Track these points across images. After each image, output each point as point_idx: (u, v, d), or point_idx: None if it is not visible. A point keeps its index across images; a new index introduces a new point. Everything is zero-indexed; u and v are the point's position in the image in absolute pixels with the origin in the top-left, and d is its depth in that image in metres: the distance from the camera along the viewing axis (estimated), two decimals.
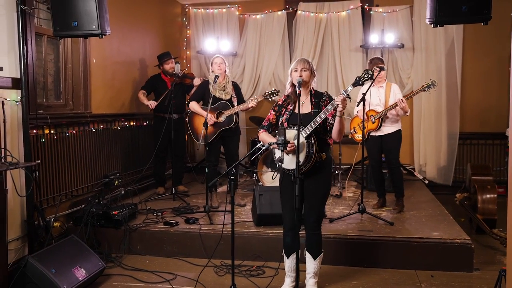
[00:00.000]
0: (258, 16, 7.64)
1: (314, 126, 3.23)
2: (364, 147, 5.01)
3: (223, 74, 5.13)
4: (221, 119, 5.16)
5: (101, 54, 5.52)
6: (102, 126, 5.48)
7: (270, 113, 3.53)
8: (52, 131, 4.59)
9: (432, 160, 7.13)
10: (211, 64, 5.22)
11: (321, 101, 3.37)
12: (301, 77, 3.29)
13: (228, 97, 5.18)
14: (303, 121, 3.19)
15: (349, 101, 3.35)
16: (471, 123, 7.17)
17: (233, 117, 5.15)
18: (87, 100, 5.28)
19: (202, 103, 5.33)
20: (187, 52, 8.07)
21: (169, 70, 6.04)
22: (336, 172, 6.60)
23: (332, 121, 3.29)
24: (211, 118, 5.05)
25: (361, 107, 4.84)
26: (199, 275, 3.78)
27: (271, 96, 5.01)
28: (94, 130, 5.33)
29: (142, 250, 4.55)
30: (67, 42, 5.11)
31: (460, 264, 4.05)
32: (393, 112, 5.03)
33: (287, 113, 3.39)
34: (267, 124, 3.52)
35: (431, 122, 7.09)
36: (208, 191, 5.07)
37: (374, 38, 7.03)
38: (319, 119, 3.23)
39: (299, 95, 3.22)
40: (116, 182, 5.16)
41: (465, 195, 5.72)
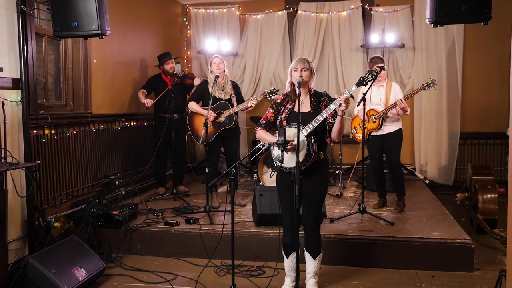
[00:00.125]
0: (259, 16, 7.64)
1: (315, 124, 3.23)
2: (365, 147, 5.01)
3: (222, 74, 5.13)
4: (220, 119, 5.15)
5: (102, 54, 5.53)
6: (102, 126, 5.48)
7: (268, 111, 3.50)
8: (52, 131, 4.60)
9: (433, 160, 7.13)
10: (210, 65, 5.22)
11: (320, 100, 3.36)
12: (301, 77, 3.28)
13: (227, 97, 5.18)
14: (302, 120, 3.18)
15: (353, 100, 3.37)
16: (472, 122, 7.16)
17: (232, 117, 5.15)
18: (88, 100, 5.29)
19: (202, 104, 5.33)
20: (188, 52, 8.08)
21: (170, 70, 6.04)
22: (336, 172, 6.60)
23: (331, 121, 3.29)
24: (211, 114, 5.04)
25: (362, 106, 4.84)
26: (199, 275, 3.78)
27: (271, 95, 5.01)
28: (95, 130, 5.33)
29: (143, 250, 4.56)
30: (68, 42, 5.11)
31: (460, 264, 4.04)
32: (394, 111, 5.02)
33: (286, 111, 3.38)
34: (265, 122, 3.50)
35: (432, 122, 7.08)
36: (208, 191, 5.07)
37: (374, 38, 7.03)
38: (321, 118, 3.23)
39: (299, 95, 3.21)
40: (117, 182, 5.16)
41: (465, 195, 5.71)
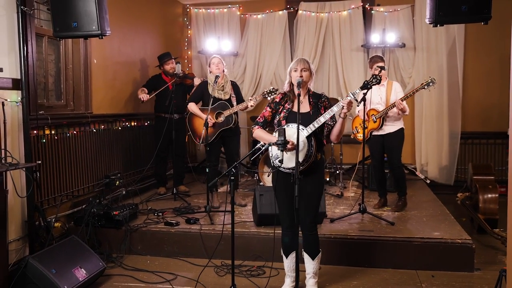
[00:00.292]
0: (259, 16, 7.64)
1: (317, 125, 3.23)
2: (366, 147, 5.00)
3: (221, 74, 5.13)
4: (220, 119, 5.15)
5: (102, 55, 5.53)
6: (103, 127, 5.49)
7: (265, 110, 3.47)
8: (52, 132, 4.60)
9: (434, 160, 7.12)
10: (209, 65, 5.22)
11: (320, 101, 3.36)
12: (301, 77, 3.28)
13: (227, 97, 5.18)
14: (302, 120, 3.18)
15: (357, 104, 3.37)
16: (473, 122, 7.15)
17: (232, 117, 5.14)
18: (88, 100, 5.29)
19: (202, 104, 5.33)
20: (188, 52, 8.08)
21: (170, 71, 6.04)
22: (337, 172, 6.60)
23: (330, 123, 3.31)
24: (210, 119, 5.04)
25: (362, 106, 4.83)
26: (199, 275, 3.78)
27: (270, 94, 5.00)
28: (95, 131, 5.33)
29: (143, 250, 4.56)
30: (68, 42, 5.12)
31: (461, 264, 4.04)
32: (395, 111, 4.99)
33: (285, 111, 3.37)
34: (262, 120, 3.46)
35: (433, 121, 7.07)
36: (208, 191, 5.07)
37: (375, 37, 7.02)
38: (323, 119, 3.24)
39: (299, 95, 3.20)
40: (117, 182, 5.17)
41: (466, 195, 5.70)
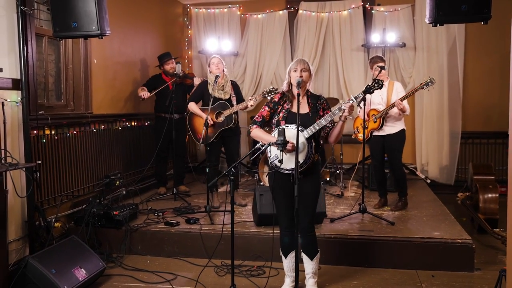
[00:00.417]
0: (260, 15, 7.64)
1: (317, 128, 3.24)
2: (367, 147, 4.99)
3: (221, 74, 5.13)
4: (220, 119, 5.15)
5: (102, 55, 5.53)
6: (103, 127, 5.49)
7: (263, 109, 3.45)
8: (53, 132, 4.60)
9: (434, 160, 7.11)
10: (209, 65, 5.22)
11: (318, 103, 3.37)
12: (301, 77, 3.28)
13: (227, 96, 5.18)
14: (301, 121, 3.18)
15: (358, 105, 3.37)
16: (473, 122, 7.14)
17: (232, 117, 5.14)
18: (88, 100, 5.29)
19: (202, 104, 5.33)
20: (189, 52, 8.08)
21: (170, 71, 6.04)
22: (337, 171, 6.60)
23: (329, 125, 3.32)
24: (210, 120, 5.04)
25: (363, 106, 4.83)
26: (199, 275, 3.78)
27: (270, 94, 4.98)
28: (95, 131, 5.34)
29: (143, 250, 4.56)
30: (68, 42, 5.12)
31: (461, 264, 4.04)
32: (395, 110, 4.98)
33: (284, 111, 3.36)
34: (260, 120, 3.44)
35: (433, 121, 7.06)
36: (208, 191, 5.07)
37: (375, 37, 7.02)
38: (324, 122, 3.24)
39: (299, 95, 3.20)
40: (117, 182, 5.17)
41: (467, 195, 5.70)
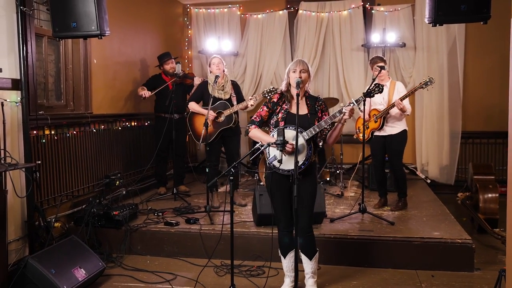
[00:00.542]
0: (260, 15, 7.63)
1: (317, 130, 3.25)
2: (368, 147, 4.99)
3: (222, 74, 5.13)
4: (221, 119, 5.15)
5: (102, 55, 5.53)
6: (103, 127, 5.49)
7: (262, 109, 3.44)
8: (52, 132, 4.61)
9: (434, 159, 7.10)
10: (209, 65, 5.22)
11: (316, 104, 3.38)
12: (301, 78, 3.28)
13: (227, 96, 5.18)
14: (299, 122, 3.18)
15: (359, 111, 3.37)
16: (473, 122, 7.13)
17: (232, 117, 5.14)
18: (88, 100, 5.29)
19: (202, 104, 5.33)
20: (189, 52, 8.08)
21: (170, 70, 6.04)
22: (337, 171, 6.60)
23: (328, 127, 3.32)
24: (212, 114, 5.04)
25: (365, 106, 4.83)
26: (198, 275, 3.78)
27: (270, 94, 4.98)
28: (95, 131, 5.34)
29: (143, 250, 4.56)
30: (68, 42, 5.12)
31: (460, 264, 4.03)
32: (396, 110, 4.97)
33: (283, 111, 3.36)
34: (258, 120, 3.43)
35: (433, 121, 7.06)
36: (208, 191, 5.07)
37: (375, 37, 7.01)
38: (324, 124, 3.25)
39: (298, 95, 3.21)
40: (117, 182, 5.17)
41: (467, 195, 5.69)
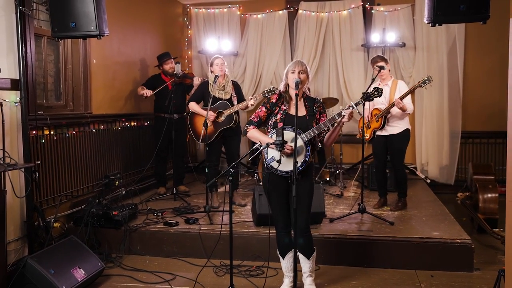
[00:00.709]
0: (259, 15, 7.63)
1: (317, 132, 3.25)
2: (370, 146, 5.00)
3: (223, 75, 5.13)
4: (221, 118, 5.15)
5: (102, 55, 5.53)
6: (102, 127, 5.49)
7: (260, 109, 3.43)
8: (52, 132, 4.61)
9: (434, 159, 7.10)
10: (211, 65, 5.21)
11: (315, 106, 3.37)
12: (299, 78, 3.27)
13: (228, 96, 5.18)
14: (298, 123, 3.18)
15: (359, 114, 3.38)
16: (473, 121, 7.12)
17: (233, 116, 5.14)
18: (87, 100, 5.29)
19: (203, 104, 5.33)
20: (189, 52, 8.08)
21: (169, 70, 6.03)
22: (337, 171, 6.60)
23: (326, 129, 3.32)
24: (212, 115, 5.04)
25: (367, 106, 4.83)
26: (197, 275, 3.78)
27: (270, 94, 4.97)
28: (95, 131, 5.34)
29: (142, 250, 4.56)
30: (67, 43, 5.12)
31: (460, 264, 4.03)
32: (397, 109, 4.96)
33: (281, 112, 3.36)
34: (257, 120, 3.42)
35: (433, 121, 7.05)
36: (208, 191, 5.07)
37: (375, 37, 7.00)
38: (323, 126, 3.25)
39: (297, 95, 3.21)
40: (117, 182, 5.17)
41: (466, 195, 5.69)
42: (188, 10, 7.99)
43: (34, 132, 4.27)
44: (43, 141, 4.44)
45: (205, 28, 7.91)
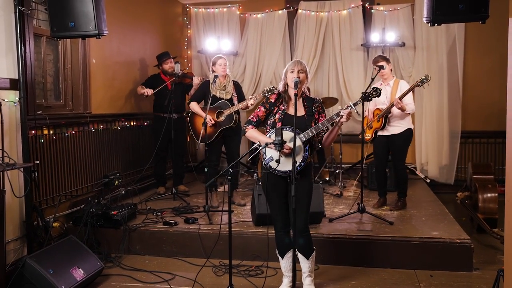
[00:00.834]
0: (259, 15, 7.63)
1: (315, 132, 3.24)
2: (372, 146, 5.01)
3: (225, 75, 5.13)
4: (221, 118, 5.15)
5: (101, 54, 5.53)
6: (102, 126, 5.49)
7: (259, 109, 3.43)
8: (51, 132, 4.60)
9: (434, 159, 7.10)
10: (213, 64, 5.20)
11: (313, 106, 3.37)
12: (299, 78, 3.27)
13: (228, 96, 5.18)
14: (297, 123, 3.18)
15: (357, 115, 3.38)
16: (473, 121, 7.12)
17: (233, 116, 5.14)
18: (87, 100, 5.29)
19: (204, 103, 5.33)
20: (188, 52, 8.08)
21: (168, 70, 6.03)
22: (337, 171, 6.60)
23: (324, 129, 3.32)
24: (211, 119, 5.05)
25: (368, 106, 4.83)
26: (197, 275, 3.78)
27: (269, 93, 4.97)
28: (94, 130, 5.33)
29: (142, 250, 4.56)
30: (67, 42, 5.11)
31: (459, 264, 4.03)
32: (397, 109, 4.97)
33: (280, 112, 3.35)
34: (255, 120, 3.42)
35: (433, 120, 7.05)
36: (207, 191, 5.07)
37: (375, 36, 7.00)
38: (322, 126, 3.24)
39: (296, 95, 3.21)
40: (116, 182, 5.16)
41: (466, 194, 5.69)
42: (187, 9, 7.98)
43: (33, 131, 4.26)
44: (42, 140, 4.44)
45: (204, 27, 7.91)
